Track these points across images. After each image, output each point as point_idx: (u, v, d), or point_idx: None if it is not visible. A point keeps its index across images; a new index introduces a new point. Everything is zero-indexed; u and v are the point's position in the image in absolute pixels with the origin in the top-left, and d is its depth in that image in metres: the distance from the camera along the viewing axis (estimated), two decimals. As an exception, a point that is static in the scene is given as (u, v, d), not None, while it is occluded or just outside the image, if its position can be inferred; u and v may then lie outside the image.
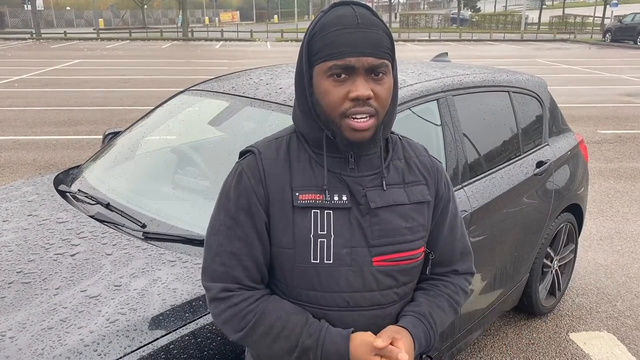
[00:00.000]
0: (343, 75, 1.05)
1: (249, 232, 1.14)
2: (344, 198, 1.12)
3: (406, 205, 1.17)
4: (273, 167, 1.15)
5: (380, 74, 1.06)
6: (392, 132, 1.25)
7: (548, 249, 3.18)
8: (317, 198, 1.12)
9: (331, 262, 1.12)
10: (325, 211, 1.12)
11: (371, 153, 1.16)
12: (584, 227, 4.59)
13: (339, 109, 1.06)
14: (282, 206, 1.13)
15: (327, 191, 1.12)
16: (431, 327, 1.21)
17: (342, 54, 1.03)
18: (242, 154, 1.21)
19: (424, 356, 1.35)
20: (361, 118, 1.06)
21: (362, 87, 1.04)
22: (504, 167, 2.69)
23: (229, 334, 1.16)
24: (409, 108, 2.26)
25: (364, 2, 1.12)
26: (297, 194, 1.12)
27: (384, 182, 1.15)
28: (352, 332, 1.13)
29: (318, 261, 1.12)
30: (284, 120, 2.11)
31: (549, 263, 3.24)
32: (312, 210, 1.12)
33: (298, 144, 1.18)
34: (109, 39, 31.05)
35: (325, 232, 1.11)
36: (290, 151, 1.17)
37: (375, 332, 1.16)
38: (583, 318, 3.30)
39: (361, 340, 1.11)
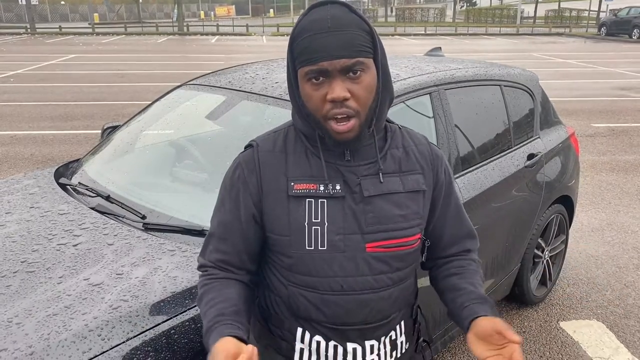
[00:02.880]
0: (321, 79, 1.08)
1: (234, 221, 1.23)
2: (338, 187, 1.17)
3: (401, 194, 1.21)
4: (269, 158, 1.21)
5: (358, 72, 1.08)
6: (392, 122, 1.30)
7: (539, 240, 3.25)
8: (312, 187, 1.17)
9: (325, 248, 1.17)
10: (320, 200, 1.17)
11: (366, 145, 1.20)
12: (575, 219, 4.67)
13: (320, 111, 1.10)
14: (277, 196, 1.19)
15: (324, 182, 1.17)
16: (491, 305, 1.25)
17: (315, 59, 1.07)
18: (246, 147, 1.28)
19: (420, 340, 1.41)
20: (342, 119, 1.10)
21: (337, 89, 1.07)
22: (495, 160, 2.75)
23: None
24: (402, 102, 2.32)
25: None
26: (292, 183, 1.18)
27: (380, 174, 1.19)
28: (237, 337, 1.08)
29: (312, 248, 1.17)
30: (280, 114, 2.16)
31: (540, 253, 3.31)
32: (307, 199, 1.17)
33: (295, 136, 1.23)
34: (105, 34, 30.93)
35: (319, 220, 1.17)
36: (287, 143, 1.23)
37: (369, 314, 1.22)
38: (573, 307, 3.37)
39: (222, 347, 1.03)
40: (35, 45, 23.24)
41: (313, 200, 1.17)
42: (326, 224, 1.17)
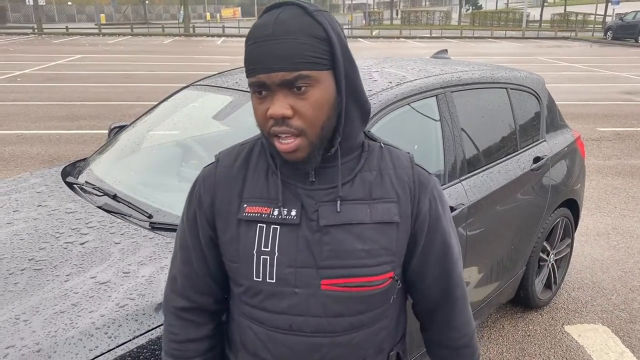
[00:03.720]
0: (264, 92, 0.95)
1: (193, 241, 1.13)
2: (293, 213, 1.03)
3: (365, 225, 1.03)
4: (225, 175, 1.09)
5: (303, 88, 0.93)
6: (373, 139, 1.12)
7: (544, 243, 3.24)
8: (265, 211, 1.04)
9: (274, 281, 1.04)
10: (272, 226, 1.03)
11: (332, 165, 1.05)
12: (580, 223, 4.65)
13: (265, 127, 0.98)
14: (228, 218, 1.07)
15: (278, 206, 1.04)
16: None
17: (254, 71, 0.94)
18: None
19: (391, 353, 1.18)
20: (285, 139, 0.96)
21: (276, 105, 0.93)
22: (501, 162, 2.75)
23: None
24: (408, 104, 2.32)
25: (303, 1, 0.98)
26: (245, 205, 1.06)
27: (338, 202, 1.03)
28: None
29: (261, 279, 1.04)
30: (286, 115, 2.16)
31: (545, 257, 3.30)
32: (258, 224, 1.04)
33: (260, 151, 1.10)
34: (111, 35, 31.04)
35: (269, 249, 1.03)
36: (250, 158, 1.10)
37: None
38: (578, 311, 3.36)
39: None
40: (42, 45, 23.36)
41: (265, 225, 1.04)
42: (276, 253, 1.03)
